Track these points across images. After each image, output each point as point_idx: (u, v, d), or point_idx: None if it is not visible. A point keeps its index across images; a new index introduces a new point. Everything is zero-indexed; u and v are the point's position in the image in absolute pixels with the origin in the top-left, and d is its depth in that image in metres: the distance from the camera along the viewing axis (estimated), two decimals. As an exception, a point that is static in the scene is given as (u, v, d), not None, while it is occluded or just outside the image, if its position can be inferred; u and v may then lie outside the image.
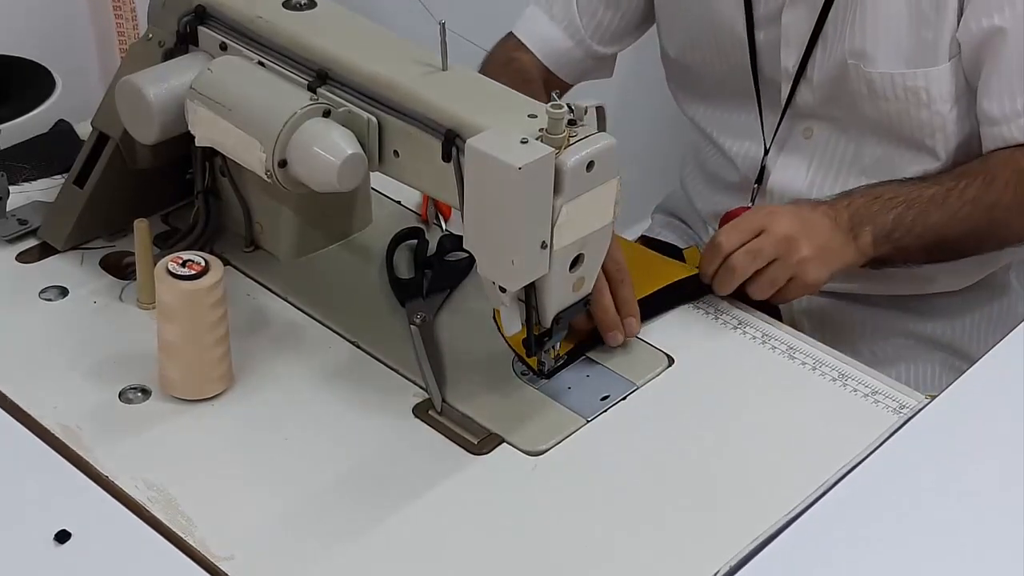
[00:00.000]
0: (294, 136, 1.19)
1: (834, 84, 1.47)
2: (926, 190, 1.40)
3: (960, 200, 1.39)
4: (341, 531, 1.09)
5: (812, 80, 1.48)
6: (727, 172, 1.61)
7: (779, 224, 1.32)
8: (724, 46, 1.53)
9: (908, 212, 1.38)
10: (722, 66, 1.55)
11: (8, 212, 1.42)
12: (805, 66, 1.48)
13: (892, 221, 1.37)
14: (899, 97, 1.45)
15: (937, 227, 1.39)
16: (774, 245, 1.31)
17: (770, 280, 1.32)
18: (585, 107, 1.09)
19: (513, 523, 1.11)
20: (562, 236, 1.10)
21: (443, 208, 1.47)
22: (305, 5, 1.28)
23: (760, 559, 1.07)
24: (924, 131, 1.47)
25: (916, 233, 1.38)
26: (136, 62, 1.32)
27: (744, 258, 1.31)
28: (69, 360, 1.24)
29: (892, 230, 1.37)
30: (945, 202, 1.39)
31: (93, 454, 1.14)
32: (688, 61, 1.58)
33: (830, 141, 1.52)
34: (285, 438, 1.18)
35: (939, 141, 1.47)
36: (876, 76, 1.44)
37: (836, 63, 1.46)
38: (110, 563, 1.05)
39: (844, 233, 1.35)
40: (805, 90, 1.50)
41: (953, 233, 1.40)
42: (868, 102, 1.46)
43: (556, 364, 1.24)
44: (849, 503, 1.12)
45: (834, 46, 1.45)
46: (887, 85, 1.44)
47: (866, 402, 1.24)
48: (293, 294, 1.35)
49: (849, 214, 1.36)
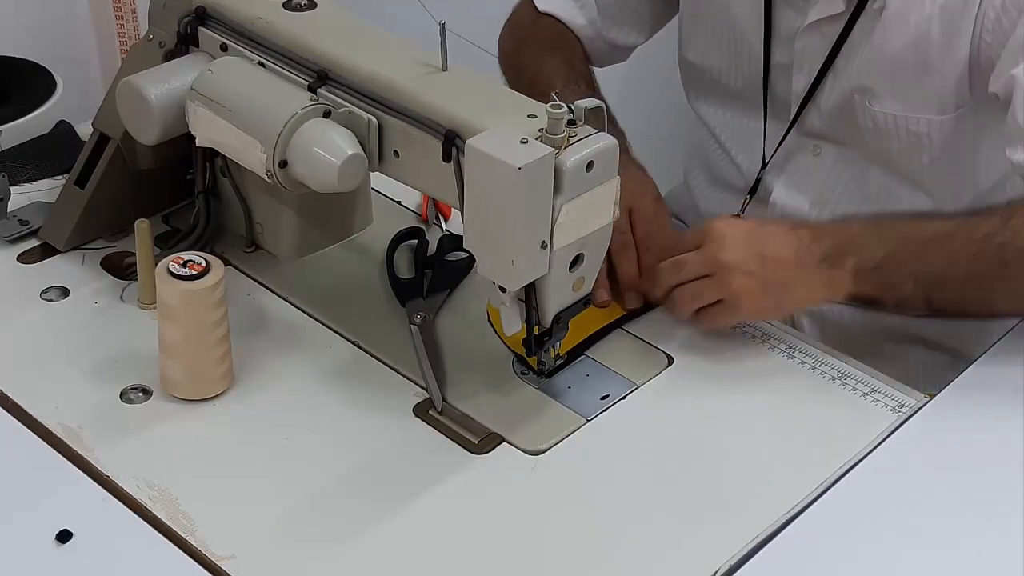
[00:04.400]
0: (294, 136, 1.19)
1: (841, 114, 1.46)
2: (930, 226, 1.28)
3: (967, 238, 1.25)
4: (342, 531, 1.09)
5: (820, 106, 1.47)
6: (732, 175, 1.61)
7: (717, 245, 1.25)
8: (741, 58, 1.52)
9: (904, 247, 1.25)
10: (737, 76, 1.54)
11: (9, 213, 1.42)
12: (815, 91, 1.46)
13: (883, 255, 1.25)
14: (902, 138, 1.43)
15: (936, 266, 1.25)
16: (702, 263, 1.25)
17: (692, 294, 1.26)
18: (585, 107, 1.09)
19: (513, 523, 1.11)
20: (562, 236, 1.10)
21: (443, 208, 1.47)
22: (305, 6, 1.28)
23: (760, 558, 1.07)
24: (924, 173, 1.45)
25: (910, 271, 1.24)
26: (137, 63, 1.32)
27: (671, 268, 1.27)
28: (70, 360, 1.25)
29: (880, 265, 1.24)
30: (949, 240, 1.25)
31: (94, 454, 1.14)
32: (705, 66, 1.58)
33: (837, 162, 1.51)
34: (286, 438, 1.18)
35: (938, 185, 1.46)
36: (880, 115, 1.42)
37: (844, 94, 1.44)
38: (111, 563, 1.05)
39: (809, 264, 1.25)
40: (813, 114, 1.49)
41: (955, 275, 1.25)
42: (873, 136, 1.45)
43: (556, 364, 1.24)
44: (849, 502, 1.12)
45: (844, 78, 1.44)
46: (891, 124, 1.42)
47: (865, 401, 1.24)
48: (293, 294, 1.35)
49: (832, 242, 1.26)
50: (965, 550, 1.09)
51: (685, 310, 1.28)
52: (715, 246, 1.26)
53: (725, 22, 1.52)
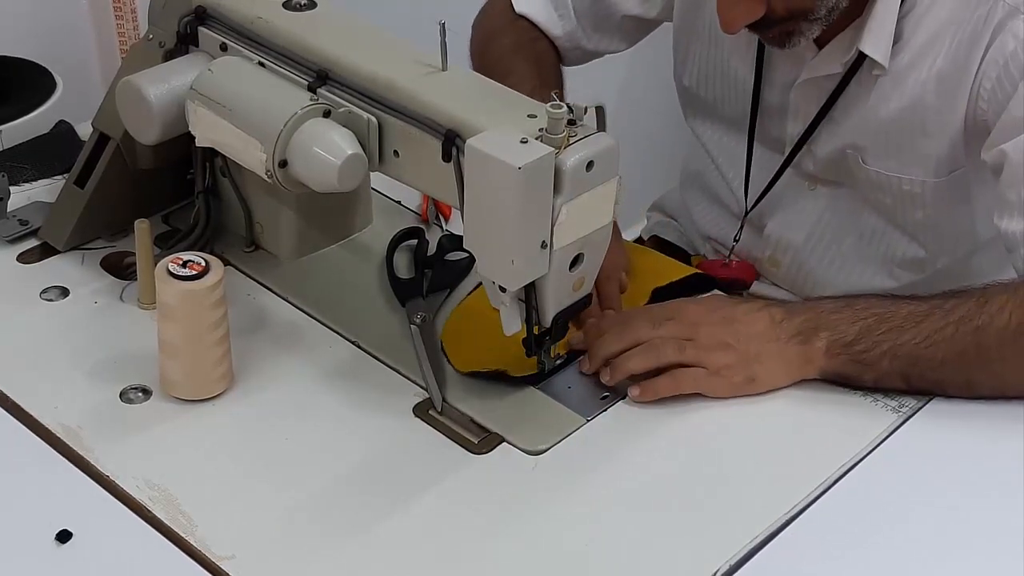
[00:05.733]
0: (294, 136, 1.19)
1: (836, 164, 1.46)
2: (905, 306, 1.23)
3: (944, 320, 1.21)
4: (342, 530, 1.09)
5: (815, 153, 1.47)
6: (726, 197, 1.60)
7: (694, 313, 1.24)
8: (735, 95, 1.52)
9: (879, 326, 1.22)
10: (732, 109, 1.54)
11: (9, 213, 1.42)
12: (809, 137, 1.45)
13: (856, 332, 1.22)
14: (895, 195, 1.43)
15: (911, 346, 1.21)
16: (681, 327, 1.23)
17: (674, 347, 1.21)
18: (585, 107, 1.09)
19: (513, 523, 1.11)
20: (562, 236, 1.10)
21: (443, 208, 1.47)
22: (305, 5, 1.28)
23: (760, 558, 1.07)
24: (918, 228, 1.46)
25: (884, 350, 1.21)
26: (136, 62, 1.32)
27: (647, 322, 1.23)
28: (70, 360, 1.25)
29: (854, 342, 1.21)
30: (925, 319, 1.21)
31: (94, 454, 1.14)
32: (699, 92, 1.57)
33: (833, 200, 1.50)
34: (285, 438, 1.18)
35: (931, 239, 1.46)
36: (873, 173, 1.42)
37: (839, 147, 1.44)
38: (111, 563, 1.05)
39: (785, 338, 1.22)
40: (808, 158, 1.48)
41: (931, 355, 1.21)
42: (866, 188, 1.45)
43: (556, 364, 1.24)
44: (849, 502, 1.12)
45: (837, 132, 1.43)
46: (884, 182, 1.42)
47: (865, 401, 1.24)
48: (293, 294, 1.35)
49: (805, 318, 1.23)
50: (965, 550, 1.09)
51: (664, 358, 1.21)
52: (691, 314, 1.24)
53: (718, 59, 1.51)
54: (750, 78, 1.48)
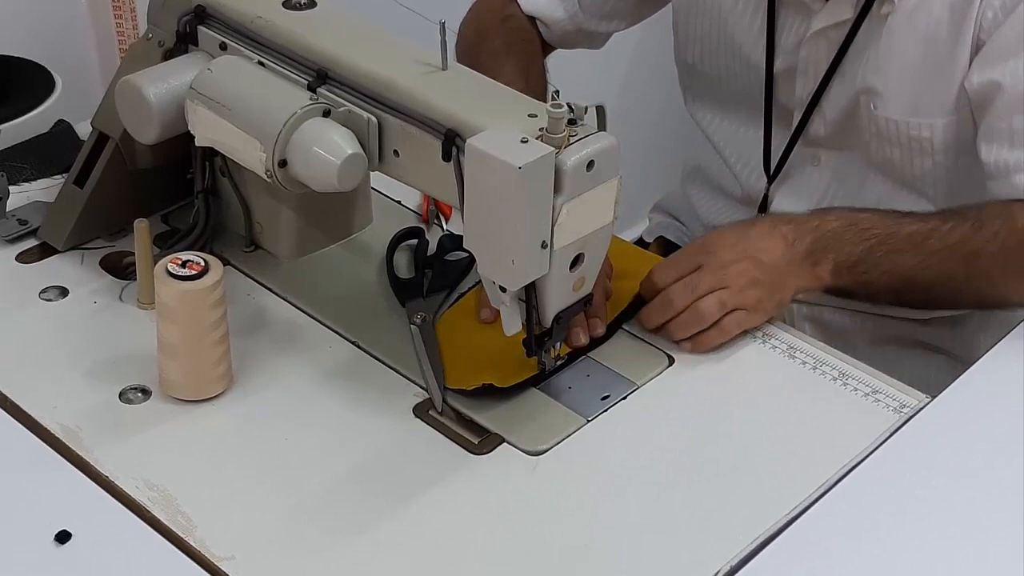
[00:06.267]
0: (294, 136, 1.19)
1: (846, 119, 1.46)
2: (906, 227, 1.32)
3: (941, 243, 1.31)
4: (341, 531, 1.09)
5: (825, 112, 1.47)
6: (730, 185, 1.61)
7: (715, 257, 1.28)
8: (741, 68, 1.52)
9: (880, 247, 1.30)
10: (737, 84, 1.54)
11: (8, 212, 1.42)
12: (819, 97, 1.47)
13: (859, 254, 1.30)
14: (903, 144, 1.43)
15: (908, 268, 1.31)
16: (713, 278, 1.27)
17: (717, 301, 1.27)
18: (585, 107, 1.09)
19: (513, 523, 1.11)
20: (562, 236, 1.10)
21: (443, 208, 1.47)
22: (305, 5, 1.28)
23: (760, 559, 1.07)
24: (926, 180, 1.46)
25: (883, 270, 1.30)
26: (136, 62, 1.32)
27: (682, 289, 1.28)
28: (69, 360, 1.24)
29: (857, 263, 1.30)
30: (924, 243, 1.31)
31: (93, 454, 1.14)
32: (703, 69, 1.57)
33: (836, 172, 1.51)
34: (285, 438, 1.18)
35: (940, 191, 1.46)
36: (883, 120, 1.43)
37: (850, 98, 1.45)
38: (110, 563, 1.05)
39: (797, 260, 1.30)
40: (817, 120, 1.49)
41: (924, 277, 1.31)
42: (875, 143, 1.45)
43: (556, 364, 1.24)
44: (849, 503, 1.12)
45: (850, 81, 1.44)
46: (892, 131, 1.43)
47: (866, 401, 1.24)
48: (293, 294, 1.35)
49: (813, 238, 1.30)
50: (966, 551, 1.08)
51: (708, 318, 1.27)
52: (717, 260, 1.28)
53: (721, 33, 1.51)
54: (757, 46, 1.49)
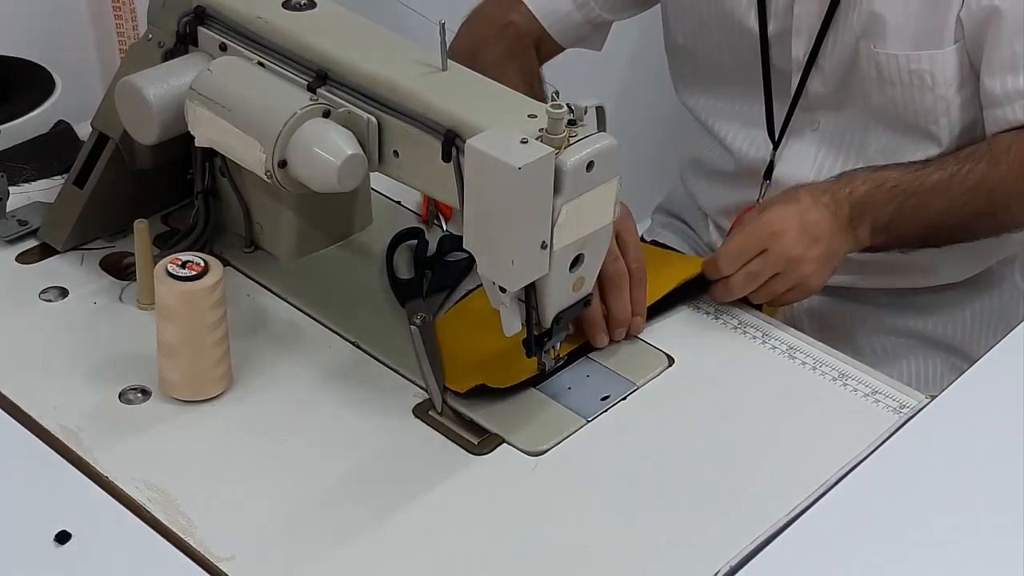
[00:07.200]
0: (294, 136, 1.19)
1: (844, 71, 1.48)
2: (930, 176, 1.40)
3: (962, 186, 1.40)
4: (341, 531, 1.09)
5: (823, 68, 1.49)
6: (726, 164, 1.61)
7: (782, 244, 1.32)
8: (733, 38, 1.53)
9: (909, 202, 1.38)
10: (730, 57, 1.55)
11: (8, 213, 1.42)
12: (816, 55, 1.48)
13: (891, 212, 1.38)
14: (904, 81, 1.45)
15: (936, 216, 1.40)
16: (775, 266, 1.32)
17: (769, 292, 1.34)
18: (585, 107, 1.09)
19: (513, 523, 1.11)
20: (562, 236, 1.10)
21: (443, 208, 1.47)
22: (305, 5, 1.28)
23: (760, 559, 1.07)
24: (929, 117, 1.47)
25: (914, 222, 1.39)
26: (136, 62, 1.32)
27: (744, 279, 1.33)
28: (69, 361, 1.24)
29: (890, 221, 1.38)
30: (948, 189, 1.40)
31: (93, 455, 1.14)
32: (694, 49, 1.58)
33: (836, 131, 1.52)
34: (285, 438, 1.18)
35: (943, 127, 1.47)
36: (883, 57, 1.44)
37: (847, 48, 1.46)
38: (110, 564, 1.05)
39: (844, 228, 1.36)
40: (816, 79, 1.50)
41: (953, 220, 1.41)
42: (876, 87, 1.47)
43: (556, 364, 1.24)
44: (849, 503, 1.12)
45: (845, 31, 1.46)
46: (893, 68, 1.44)
47: (866, 402, 1.24)
48: (293, 294, 1.34)
49: (850, 205, 1.36)
50: (966, 551, 1.08)
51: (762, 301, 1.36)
52: (779, 245, 1.32)
53: (712, 4, 1.52)
54: (748, 13, 1.50)
